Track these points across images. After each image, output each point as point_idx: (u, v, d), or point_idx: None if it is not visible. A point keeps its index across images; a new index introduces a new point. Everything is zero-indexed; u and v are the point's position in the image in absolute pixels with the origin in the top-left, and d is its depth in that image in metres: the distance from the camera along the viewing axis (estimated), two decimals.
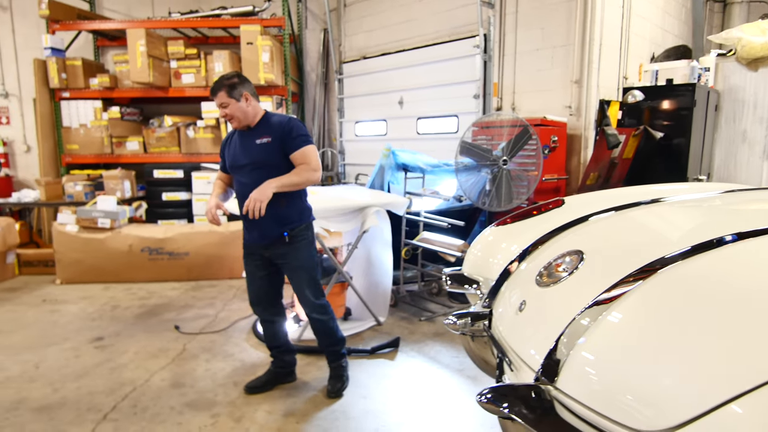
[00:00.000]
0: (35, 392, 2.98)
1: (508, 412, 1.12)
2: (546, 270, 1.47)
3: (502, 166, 4.33)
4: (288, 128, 2.70)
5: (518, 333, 1.38)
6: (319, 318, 2.93)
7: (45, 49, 6.85)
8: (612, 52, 5.29)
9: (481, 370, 1.84)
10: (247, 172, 2.71)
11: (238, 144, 2.77)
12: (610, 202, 2.07)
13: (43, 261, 5.59)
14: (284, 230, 2.73)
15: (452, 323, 1.72)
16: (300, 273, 2.84)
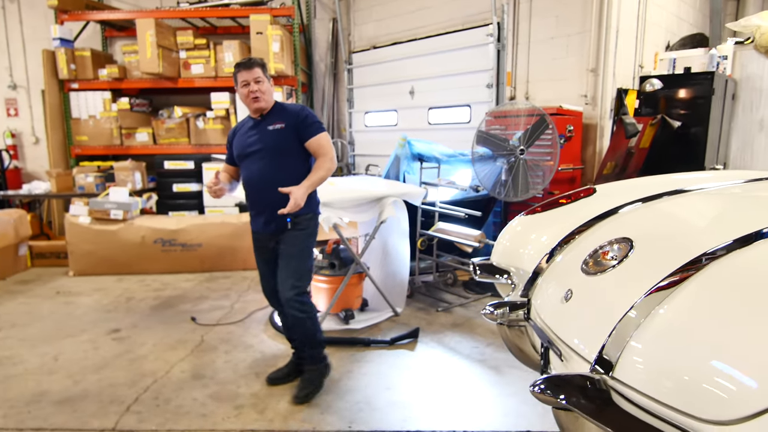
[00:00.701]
0: (56, 384, 2.97)
1: (565, 402, 1.09)
2: (592, 258, 1.44)
3: (519, 155, 4.28)
4: (303, 115, 2.71)
5: (566, 322, 1.35)
6: (294, 314, 2.74)
7: (54, 39, 6.81)
8: (628, 40, 5.21)
9: (518, 360, 1.81)
10: (259, 158, 2.69)
11: (248, 132, 2.75)
12: (642, 191, 2.02)
13: (56, 253, 5.58)
14: (288, 216, 2.66)
15: (489, 313, 1.69)
16: (289, 261, 2.73)
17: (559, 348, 1.32)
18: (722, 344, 1.03)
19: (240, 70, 2.66)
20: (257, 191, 2.75)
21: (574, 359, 1.26)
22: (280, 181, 2.60)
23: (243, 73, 2.64)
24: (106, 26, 7.78)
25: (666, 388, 1.04)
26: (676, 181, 2.08)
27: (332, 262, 3.82)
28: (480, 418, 2.58)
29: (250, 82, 2.63)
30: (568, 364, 1.27)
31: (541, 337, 1.44)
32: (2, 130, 8.08)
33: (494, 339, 3.52)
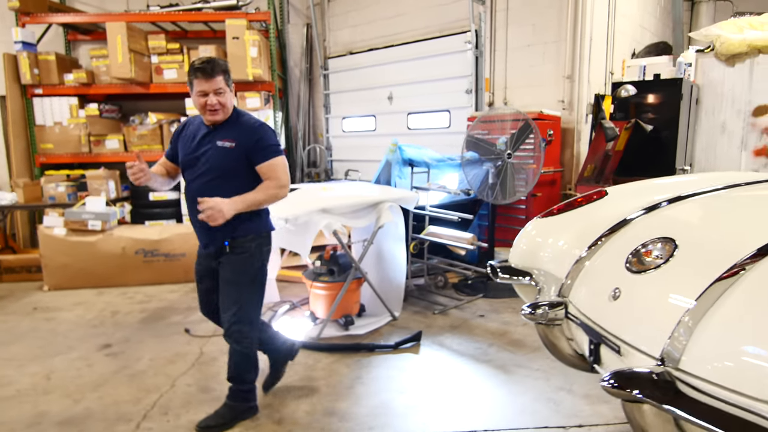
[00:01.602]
0: (54, 405, 2.84)
1: (640, 395, 1.16)
2: (635, 257, 1.52)
3: (506, 159, 4.40)
4: (257, 137, 2.41)
5: (620, 319, 1.42)
6: (231, 344, 2.54)
7: (15, 43, 6.50)
8: (600, 48, 5.46)
9: (554, 356, 1.88)
10: (201, 173, 2.43)
11: (196, 138, 2.46)
12: (653, 193, 2.15)
13: (26, 267, 5.32)
14: (226, 239, 2.45)
15: (529, 313, 1.76)
16: (227, 287, 2.49)
17: (616, 344, 1.39)
18: None
19: (198, 77, 2.31)
20: (195, 206, 2.36)
21: (633, 354, 1.33)
22: None
23: (201, 83, 2.31)
24: (69, 29, 7.48)
25: (735, 375, 1.12)
26: (685, 183, 2.21)
27: (331, 269, 3.82)
28: (496, 417, 2.65)
29: (209, 93, 2.33)
30: (628, 359, 1.35)
31: (591, 334, 1.52)
32: None
33: (494, 340, 3.62)
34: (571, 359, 1.84)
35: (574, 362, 1.86)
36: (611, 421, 2.58)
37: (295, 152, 7.86)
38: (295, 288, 4.89)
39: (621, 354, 1.36)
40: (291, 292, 4.76)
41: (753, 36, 5.11)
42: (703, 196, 1.83)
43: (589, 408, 2.69)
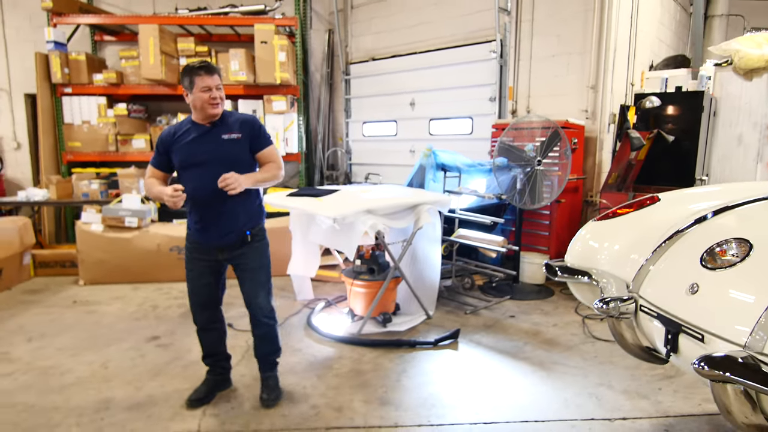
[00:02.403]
0: (118, 391, 2.97)
1: (733, 376, 1.30)
2: (709, 256, 1.68)
3: (536, 166, 4.56)
4: (257, 127, 2.70)
5: (702, 311, 1.57)
6: (268, 322, 2.83)
7: (47, 42, 6.65)
8: (622, 59, 5.63)
9: (621, 346, 2.03)
10: (212, 167, 2.53)
11: (193, 140, 2.60)
12: (704, 199, 2.31)
13: (60, 262, 5.43)
14: (246, 229, 2.67)
15: (603, 307, 1.90)
16: (260, 274, 2.75)
17: (699, 333, 1.53)
18: None
19: (201, 74, 2.52)
20: (209, 202, 2.58)
21: (716, 342, 1.48)
22: None
23: (205, 78, 2.52)
24: (96, 30, 7.62)
25: None
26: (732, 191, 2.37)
27: (371, 268, 3.96)
28: (543, 409, 2.79)
29: (212, 88, 2.54)
30: (709, 346, 1.49)
31: (669, 324, 1.66)
32: None
33: (528, 339, 3.76)
34: (634, 349, 2.00)
35: (636, 352, 2.01)
36: (652, 414, 2.72)
37: (314, 155, 8.00)
38: (326, 287, 5.03)
39: (704, 342, 1.51)
40: (322, 290, 4.90)
41: None
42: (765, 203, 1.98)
43: (630, 403, 2.84)
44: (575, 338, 3.76)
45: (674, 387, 3.01)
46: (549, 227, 5.19)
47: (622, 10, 5.41)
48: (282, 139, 6.91)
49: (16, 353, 3.50)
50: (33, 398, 2.88)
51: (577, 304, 4.49)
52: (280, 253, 5.36)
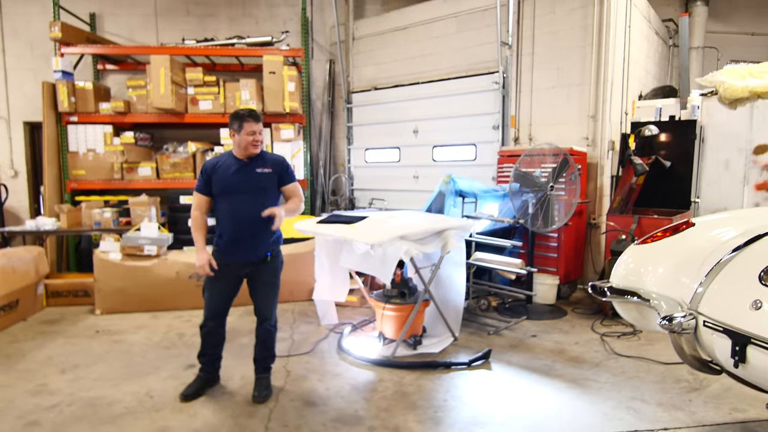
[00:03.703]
0: (172, 420, 3.00)
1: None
2: (767, 275, 1.89)
3: (548, 191, 4.81)
4: (285, 165, 3.26)
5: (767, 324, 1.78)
6: (270, 330, 3.30)
7: (55, 72, 6.69)
8: (618, 90, 6.00)
9: (681, 359, 2.22)
10: (247, 195, 3.09)
11: (233, 171, 3.12)
12: (739, 222, 2.55)
13: (73, 291, 5.38)
14: (268, 251, 3.19)
15: (666, 324, 2.09)
16: (273, 288, 3.28)
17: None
18: None
19: (250, 121, 3.07)
20: (241, 224, 3.11)
21: None
22: (261, 215, 3.04)
23: (252, 125, 3.07)
24: (99, 59, 7.67)
25: None
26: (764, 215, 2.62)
27: (402, 291, 4.09)
28: (587, 422, 2.95)
29: (256, 132, 3.09)
30: None
31: (736, 338, 1.86)
32: None
33: (555, 357, 3.93)
34: (692, 361, 2.19)
35: (693, 363, 2.21)
36: (690, 424, 2.91)
37: (316, 181, 8.14)
38: (346, 311, 5.12)
39: None
40: (343, 314, 4.98)
41: (754, 83, 5.72)
42: None
43: (667, 414, 3.02)
44: (599, 355, 3.95)
45: (703, 398, 3.21)
46: (557, 249, 5.43)
47: (617, 44, 5.80)
48: None
49: (55, 385, 3.48)
50: (88, 429, 2.89)
51: (592, 322, 4.71)
52: (300, 278, 5.48)
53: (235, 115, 3.11)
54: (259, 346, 3.32)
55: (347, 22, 7.90)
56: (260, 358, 3.33)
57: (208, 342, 3.34)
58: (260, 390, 3.24)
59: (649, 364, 3.76)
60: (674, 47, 8.47)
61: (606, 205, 5.79)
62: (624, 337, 4.33)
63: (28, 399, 3.27)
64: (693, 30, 7.91)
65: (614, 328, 4.54)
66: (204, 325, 3.31)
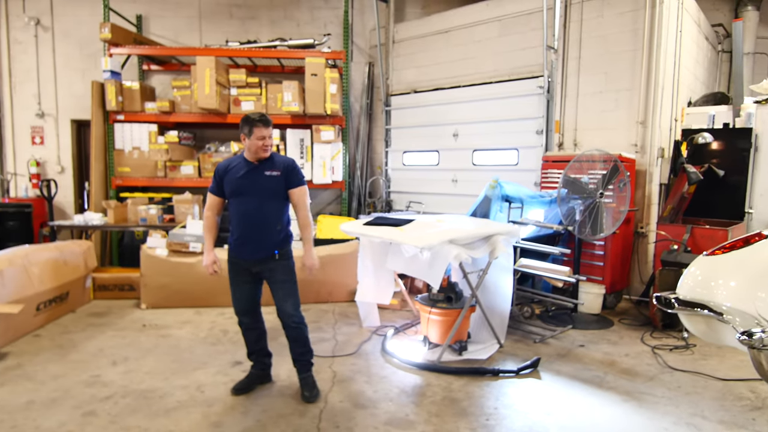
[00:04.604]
0: (224, 416, 3.02)
1: None
2: None
3: (598, 198, 4.69)
4: (292, 167, 3.27)
5: None
6: (296, 327, 3.29)
7: (104, 71, 6.87)
8: (668, 96, 5.84)
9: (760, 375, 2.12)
10: (255, 196, 3.16)
11: (243, 174, 3.18)
12: None
13: (119, 285, 5.50)
14: (275, 249, 3.20)
15: (747, 339, 2.00)
16: (286, 285, 3.25)
17: None
18: None
19: (259, 125, 3.10)
20: (250, 224, 3.17)
21: None
22: (271, 217, 3.19)
23: (262, 129, 3.11)
24: (144, 60, 7.85)
25: None
26: None
27: (449, 296, 4.04)
28: None
29: (266, 137, 3.13)
30: None
31: None
32: (27, 158, 7.90)
33: (606, 368, 3.82)
34: None
35: None
36: None
37: (353, 183, 8.14)
38: (385, 313, 5.09)
39: None
40: (383, 317, 4.94)
41: None
42: None
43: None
44: (652, 368, 3.83)
45: (767, 417, 3.07)
46: (604, 258, 5.30)
47: (668, 49, 5.64)
48: (329, 167, 7.07)
49: (108, 376, 3.55)
50: (144, 422, 2.93)
51: (641, 334, 4.57)
52: (340, 279, 5.48)
53: (245, 119, 3.15)
54: (292, 346, 3.35)
55: (387, 25, 7.90)
56: (298, 357, 3.35)
57: (249, 339, 3.43)
58: (309, 389, 3.27)
59: (706, 380, 3.62)
60: (723, 53, 8.22)
61: (654, 213, 5.63)
62: (677, 350, 4.19)
63: (84, 389, 3.33)
64: (744, 35, 7.65)
65: (665, 341, 4.39)
66: (240, 323, 3.40)
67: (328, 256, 5.44)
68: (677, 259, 4.66)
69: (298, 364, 3.35)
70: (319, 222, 6.67)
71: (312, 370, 3.37)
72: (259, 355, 3.45)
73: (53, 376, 3.53)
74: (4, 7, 7.73)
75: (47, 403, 3.14)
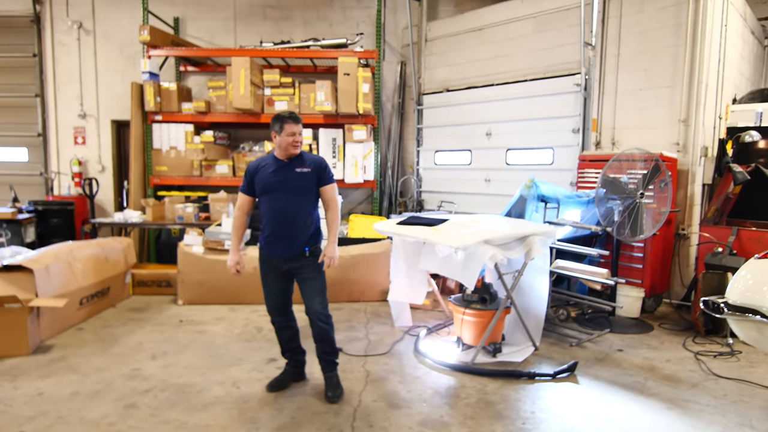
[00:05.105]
0: (260, 413, 3.05)
1: None
2: None
3: (638, 199, 4.56)
4: (323, 165, 3.29)
5: None
6: (323, 326, 3.26)
7: (143, 73, 7.03)
8: (712, 93, 5.62)
9: None
10: (285, 193, 3.19)
11: (273, 171, 3.22)
12: None
13: (157, 281, 5.63)
14: (305, 246, 3.22)
15: None
16: (315, 283, 3.26)
17: None
18: None
19: (290, 122, 3.15)
20: (280, 220, 3.19)
21: None
22: (301, 213, 3.21)
23: (292, 126, 3.15)
24: (181, 61, 8.02)
25: None
26: None
27: (483, 297, 3.99)
28: None
29: (296, 133, 3.17)
30: None
31: None
32: (70, 157, 8.18)
33: (647, 374, 3.71)
34: None
35: None
36: None
37: (384, 183, 8.14)
38: (417, 313, 5.06)
39: None
40: (414, 317, 4.91)
41: None
42: None
43: None
44: (695, 375, 3.69)
45: None
46: (643, 260, 5.14)
47: (712, 44, 5.44)
48: (360, 167, 7.08)
49: (148, 370, 3.63)
50: (183, 416, 2.99)
51: (683, 339, 4.42)
52: (372, 279, 5.48)
53: (276, 117, 3.21)
54: (318, 345, 3.34)
55: (420, 24, 7.86)
56: (323, 356, 3.35)
57: (282, 337, 3.46)
58: (333, 389, 3.26)
59: (754, 388, 3.47)
60: None
61: (697, 214, 5.44)
62: (721, 357, 4.03)
63: (125, 382, 3.42)
64: None
65: (709, 347, 4.23)
66: (272, 321, 3.43)
67: (359, 255, 5.45)
68: (722, 263, 4.48)
69: (322, 363, 3.36)
70: (351, 221, 6.68)
71: (337, 370, 3.37)
72: (293, 353, 3.48)
73: (96, 369, 3.64)
74: (49, 12, 8.02)
75: (91, 395, 3.23)
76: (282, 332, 3.43)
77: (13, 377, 3.48)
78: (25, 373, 3.54)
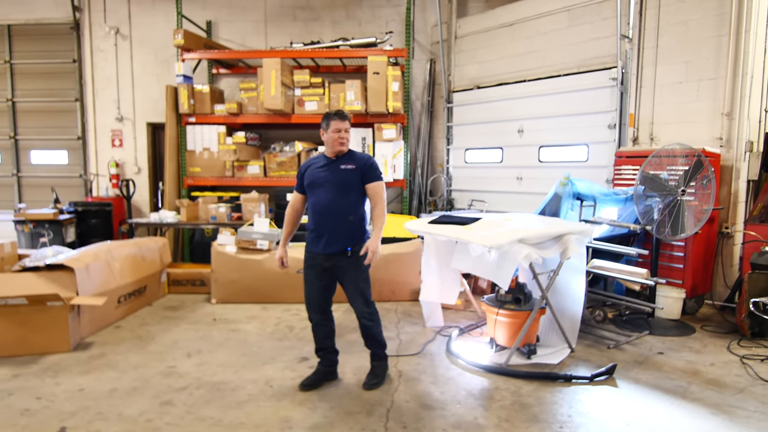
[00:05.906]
0: (293, 411, 3.06)
1: None
2: None
3: (679, 196, 4.39)
4: (369, 163, 3.33)
5: None
6: (367, 323, 3.34)
7: (177, 76, 7.18)
8: (757, 85, 5.37)
9: None
10: (329, 189, 3.24)
11: (321, 168, 3.30)
12: None
13: (191, 280, 5.74)
14: (348, 245, 3.23)
15: None
16: (357, 283, 3.29)
17: None
18: None
19: (336, 119, 3.24)
20: (324, 215, 3.24)
21: None
22: (344, 209, 3.22)
23: (338, 123, 3.23)
24: (213, 63, 8.15)
25: None
26: None
27: (517, 297, 3.91)
28: None
29: (342, 130, 3.24)
30: None
31: None
32: (108, 160, 8.42)
33: (689, 378, 3.56)
34: None
35: None
36: None
37: (413, 181, 8.09)
38: (448, 313, 5.01)
39: None
40: (445, 317, 4.86)
41: None
42: None
43: None
44: (741, 380, 3.53)
45: None
46: (684, 259, 4.95)
47: (758, 33, 5.20)
48: (390, 166, 7.06)
49: (183, 368, 3.70)
50: (217, 413, 3.02)
51: (727, 342, 4.23)
52: (402, 278, 5.45)
53: (325, 115, 3.31)
54: (364, 339, 3.45)
55: (450, 21, 7.78)
56: (370, 348, 3.47)
57: (318, 335, 3.46)
58: (371, 378, 3.40)
59: None
60: None
61: (741, 212, 5.21)
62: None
63: (162, 380, 3.49)
64: None
65: (755, 351, 4.04)
66: (310, 318, 3.45)
67: (390, 255, 5.43)
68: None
69: (371, 356, 3.49)
70: None
71: (386, 362, 3.49)
72: (326, 352, 3.48)
73: (134, 366, 3.73)
74: (87, 19, 8.28)
75: (129, 392, 3.31)
76: (318, 330, 3.45)
77: (54, 373, 3.59)
78: (66, 370, 3.65)
